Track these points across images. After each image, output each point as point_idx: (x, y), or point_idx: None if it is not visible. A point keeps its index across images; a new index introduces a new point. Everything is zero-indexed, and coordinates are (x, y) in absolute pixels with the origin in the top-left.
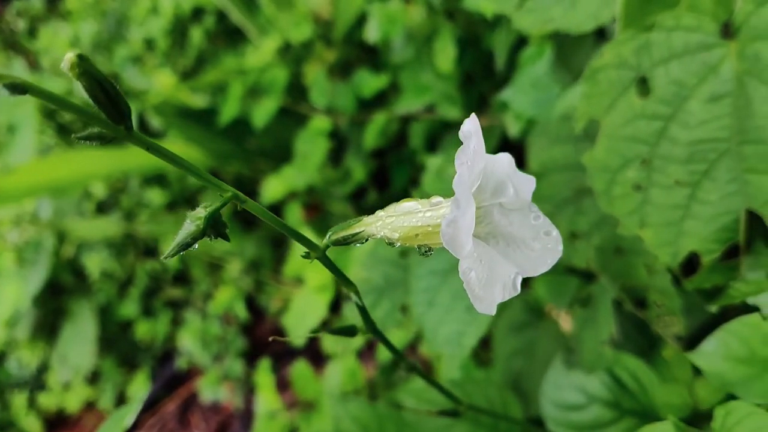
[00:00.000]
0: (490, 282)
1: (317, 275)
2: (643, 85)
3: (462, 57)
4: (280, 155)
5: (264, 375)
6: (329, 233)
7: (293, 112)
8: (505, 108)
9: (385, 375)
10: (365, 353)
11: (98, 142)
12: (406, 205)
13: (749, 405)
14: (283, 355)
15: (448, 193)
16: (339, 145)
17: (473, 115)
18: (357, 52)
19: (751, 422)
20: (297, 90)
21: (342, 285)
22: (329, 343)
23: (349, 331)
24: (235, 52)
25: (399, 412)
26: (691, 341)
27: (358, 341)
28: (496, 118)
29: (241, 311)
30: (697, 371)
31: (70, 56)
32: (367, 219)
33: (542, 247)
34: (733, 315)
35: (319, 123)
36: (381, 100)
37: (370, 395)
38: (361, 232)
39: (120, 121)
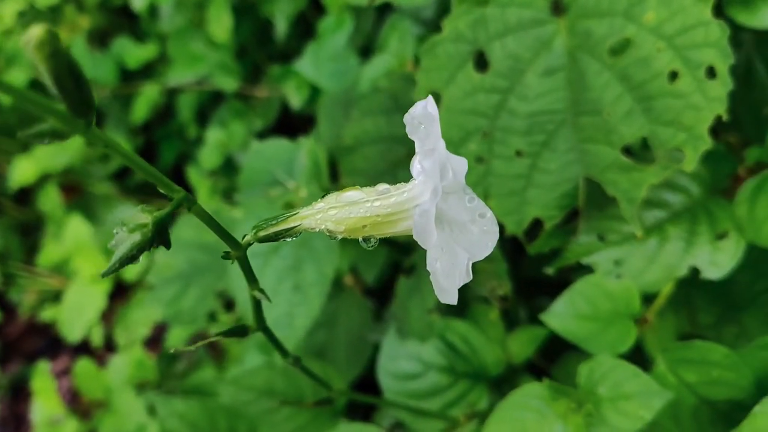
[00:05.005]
0: (452, 271)
1: (91, 264)
2: (481, 58)
3: (238, 26)
4: None
5: (42, 379)
6: (254, 228)
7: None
8: (285, 78)
9: (167, 365)
10: (149, 342)
11: (51, 140)
12: (350, 194)
13: (611, 359)
14: (43, 353)
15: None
16: (97, 120)
17: (430, 98)
18: (114, 19)
19: (615, 375)
20: None
21: (249, 285)
22: (97, 336)
23: (241, 332)
24: None
25: (222, 403)
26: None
27: (144, 330)
28: (275, 89)
29: None
30: (508, 329)
31: (37, 32)
32: (304, 211)
33: (479, 229)
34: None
35: None
36: (146, 71)
37: (158, 386)
38: (296, 226)
39: (84, 114)
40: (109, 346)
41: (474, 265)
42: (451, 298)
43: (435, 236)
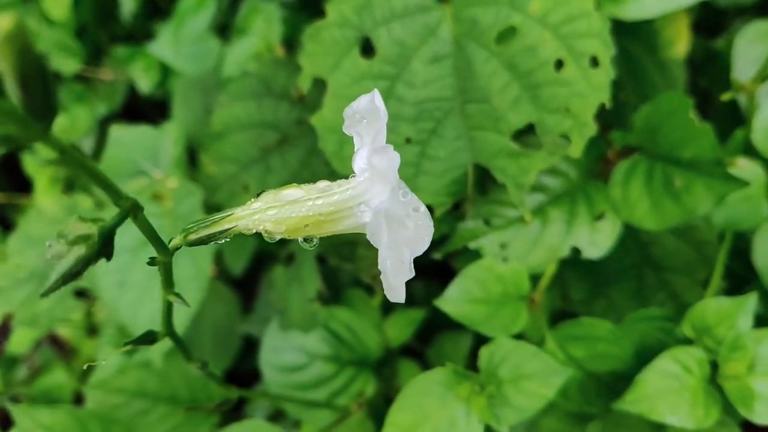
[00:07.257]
0: (400, 269)
1: None
2: (368, 44)
3: (77, 3)
4: None
5: None
6: (184, 232)
7: None
8: (132, 60)
9: (8, 370)
10: None
11: (5, 148)
12: (290, 192)
13: (511, 341)
14: None
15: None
16: None
17: (376, 92)
18: None
19: (515, 356)
20: None
21: (165, 290)
22: None
23: (150, 339)
24: None
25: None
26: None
27: None
28: (120, 72)
29: None
30: (384, 314)
31: (6, 24)
32: (239, 212)
33: (414, 224)
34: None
35: None
36: None
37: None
38: (231, 228)
39: (44, 118)
40: None
41: (355, 251)
42: (400, 296)
43: (386, 236)
